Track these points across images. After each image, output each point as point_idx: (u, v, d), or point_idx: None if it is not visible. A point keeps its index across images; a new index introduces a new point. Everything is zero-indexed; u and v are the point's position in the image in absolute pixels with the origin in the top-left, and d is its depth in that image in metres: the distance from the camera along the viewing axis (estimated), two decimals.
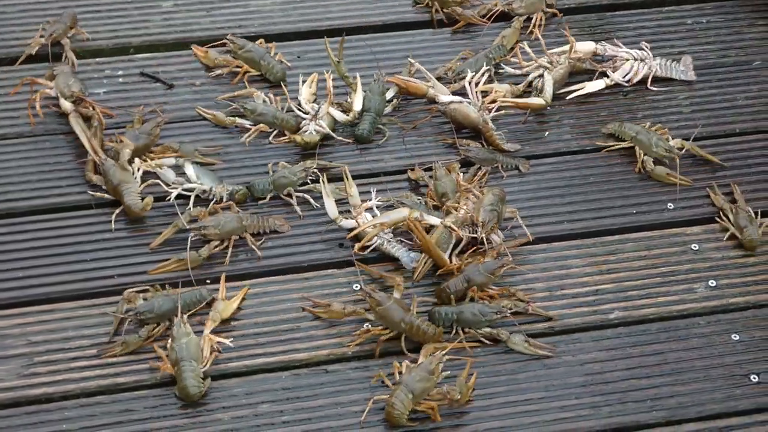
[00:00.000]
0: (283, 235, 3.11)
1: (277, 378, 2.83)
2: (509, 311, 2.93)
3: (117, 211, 3.09)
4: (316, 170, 3.20)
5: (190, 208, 3.09)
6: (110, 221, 3.08)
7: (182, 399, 2.75)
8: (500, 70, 3.50)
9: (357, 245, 3.03)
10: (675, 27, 3.69)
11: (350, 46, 3.51)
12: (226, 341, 2.85)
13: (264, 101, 3.35)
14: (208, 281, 3.01)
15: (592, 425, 2.78)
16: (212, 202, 3.12)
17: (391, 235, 3.08)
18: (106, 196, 3.12)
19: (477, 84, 3.40)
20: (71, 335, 2.88)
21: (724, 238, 3.12)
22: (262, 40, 3.49)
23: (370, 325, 2.90)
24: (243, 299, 2.94)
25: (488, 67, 3.46)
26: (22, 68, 3.44)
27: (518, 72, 3.49)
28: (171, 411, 2.76)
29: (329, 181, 3.14)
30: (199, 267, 3.01)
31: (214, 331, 2.86)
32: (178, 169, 3.19)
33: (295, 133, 3.28)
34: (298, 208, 3.15)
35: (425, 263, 3.00)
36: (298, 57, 3.54)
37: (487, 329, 2.90)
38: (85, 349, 2.85)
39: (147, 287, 2.93)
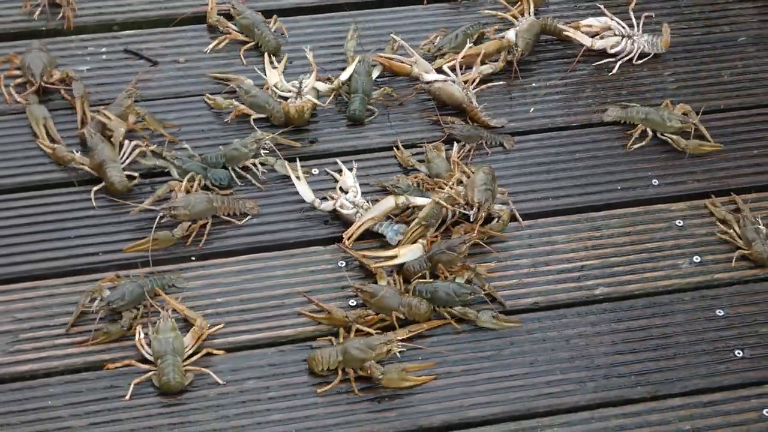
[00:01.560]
0: (268, 212, 3.10)
1: (263, 354, 2.83)
2: (483, 291, 2.93)
3: (96, 188, 3.08)
4: (268, 142, 3.19)
5: (157, 189, 3.08)
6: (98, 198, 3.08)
7: (163, 391, 2.73)
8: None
9: (346, 238, 3.01)
10: (660, 3, 3.68)
11: (339, 22, 3.53)
12: (219, 352, 2.83)
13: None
14: (194, 258, 3.00)
15: (577, 400, 2.78)
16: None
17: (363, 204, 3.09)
18: (87, 168, 3.11)
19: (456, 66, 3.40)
20: (56, 312, 2.87)
21: (733, 261, 3.04)
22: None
23: (355, 302, 2.91)
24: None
25: (469, 44, 3.45)
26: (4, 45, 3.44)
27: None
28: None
29: (290, 160, 3.16)
30: (172, 246, 3.00)
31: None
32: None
33: (285, 126, 3.26)
34: (259, 174, 3.14)
35: (411, 235, 3.00)
36: (282, 34, 3.53)
37: (459, 308, 2.91)
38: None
39: (118, 274, 2.92)
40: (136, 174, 3.11)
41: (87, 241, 3.02)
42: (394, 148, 3.23)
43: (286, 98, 3.29)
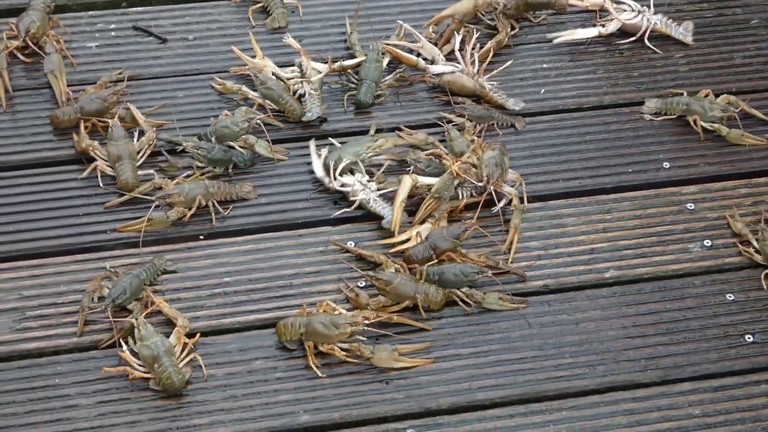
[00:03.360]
0: (276, 192, 3.09)
1: (271, 334, 2.82)
2: (490, 272, 2.92)
3: (89, 168, 3.07)
4: (259, 119, 3.16)
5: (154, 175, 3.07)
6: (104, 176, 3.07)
7: (166, 391, 2.69)
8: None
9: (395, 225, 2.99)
10: None
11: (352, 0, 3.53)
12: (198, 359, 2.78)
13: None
14: (202, 237, 2.99)
15: (586, 384, 2.77)
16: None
17: (378, 193, 3.06)
18: (106, 167, 3.08)
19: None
20: (63, 290, 2.86)
21: (765, 286, 2.97)
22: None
23: (364, 282, 2.91)
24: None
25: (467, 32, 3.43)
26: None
27: None
28: None
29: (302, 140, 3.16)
30: (167, 227, 2.99)
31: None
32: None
33: (299, 119, 3.23)
34: (242, 152, 3.12)
35: (398, 213, 2.99)
36: (294, 11, 3.52)
37: (466, 289, 2.90)
38: (78, 303, 2.83)
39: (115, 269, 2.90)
40: (152, 172, 3.09)
41: (95, 218, 3.01)
42: (402, 129, 3.20)
43: (291, 85, 3.27)
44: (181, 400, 2.69)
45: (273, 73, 3.29)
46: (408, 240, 2.96)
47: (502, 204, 3.03)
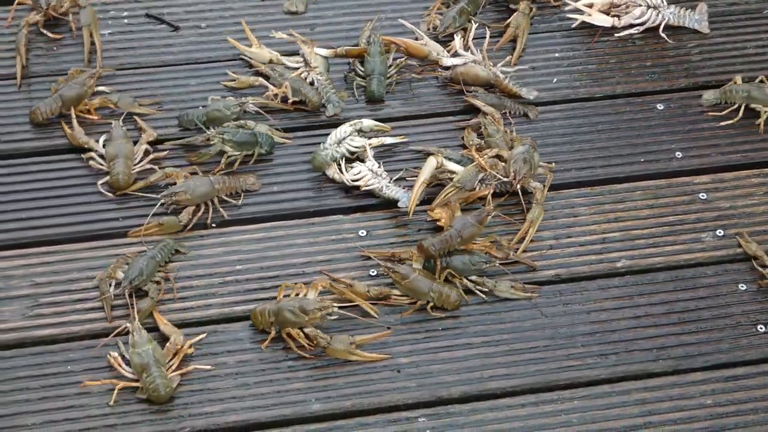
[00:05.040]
0: (288, 180, 3.09)
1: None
2: (498, 261, 2.92)
3: (101, 181, 3.04)
4: (252, 105, 3.16)
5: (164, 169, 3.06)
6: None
7: (152, 402, 2.67)
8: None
9: (410, 210, 2.99)
10: None
11: None
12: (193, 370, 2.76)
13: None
14: (213, 225, 2.99)
15: (598, 373, 2.77)
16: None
17: (389, 179, 3.06)
18: (100, 164, 3.07)
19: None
20: (76, 277, 2.87)
21: None
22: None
23: (375, 271, 2.91)
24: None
25: (468, 22, 3.42)
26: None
27: None
28: None
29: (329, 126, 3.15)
30: (180, 231, 2.98)
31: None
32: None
33: (318, 108, 3.23)
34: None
35: (418, 193, 2.98)
36: None
37: (476, 277, 2.89)
38: (90, 290, 2.84)
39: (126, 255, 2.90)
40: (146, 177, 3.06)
41: (107, 206, 3.01)
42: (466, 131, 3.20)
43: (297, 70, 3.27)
44: (194, 387, 2.70)
45: (272, 60, 3.29)
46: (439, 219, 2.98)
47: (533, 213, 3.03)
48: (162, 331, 2.78)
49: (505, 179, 3.02)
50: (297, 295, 2.81)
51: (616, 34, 3.47)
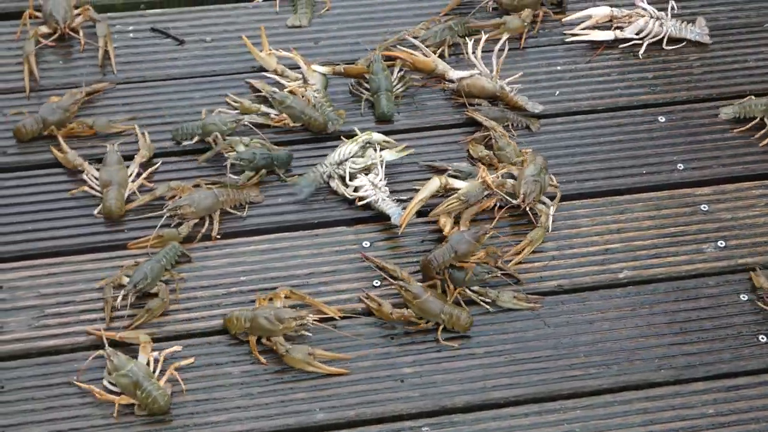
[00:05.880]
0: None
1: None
2: (499, 272, 2.93)
3: (96, 211, 3.04)
4: (247, 122, 3.17)
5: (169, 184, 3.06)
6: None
7: (153, 415, 2.68)
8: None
9: (403, 223, 2.99)
10: None
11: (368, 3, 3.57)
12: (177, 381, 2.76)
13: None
14: (218, 236, 3.01)
15: (600, 383, 2.79)
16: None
17: (387, 192, 3.07)
18: (93, 189, 3.06)
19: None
20: (81, 288, 2.88)
21: None
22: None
23: (379, 282, 2.92)
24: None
25: (451, 39, 3.43)
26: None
27: None
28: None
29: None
30: (183, 243, 2.98)
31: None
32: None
33: (323, 131, 3.23)
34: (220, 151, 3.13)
35: (413, 210, 2.99)
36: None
37: (477, 288, 2.91)
38: (95, 302, 2.85)
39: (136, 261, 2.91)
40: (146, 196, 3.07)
41: None
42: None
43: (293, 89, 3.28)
44: (199, 396, 2.71)
45: (276, 71, 3.31)
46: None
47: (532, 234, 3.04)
48: (128, 339, 2.77)
49: (514, 201, 3.03)
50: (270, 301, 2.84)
51: (620, 45, 3.49)
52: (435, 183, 3.03)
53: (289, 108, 3.23)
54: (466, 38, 3.42)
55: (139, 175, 3.08)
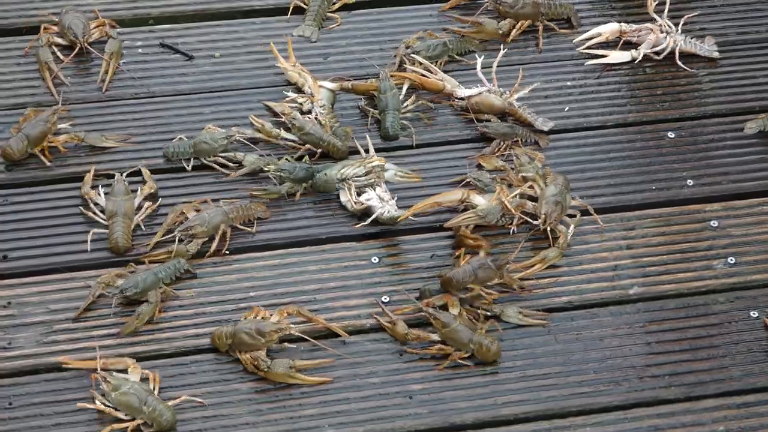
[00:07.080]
0: (301, 207, 3.11)
1: (295, 349, 2.83)
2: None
3: (92, 232, 3.02)
4: (239, 138, 3.18)
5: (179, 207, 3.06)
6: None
7: (161, 429, 2.67)
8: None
9: (407, 213, 3.01)
10: (696, 3, 3.67)
11: (376, 18, 3.57)
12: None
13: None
14: (227, 251, 3.01)
15: (610, 400, 2.78)
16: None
17: (395, 206, 3.07)
18: (100, 218, 3.05)
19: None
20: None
21: None
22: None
23: (388, 297, 2.92)
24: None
25: (444, 55, 3.44)
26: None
27: None
28: (188, 380, 2.77)
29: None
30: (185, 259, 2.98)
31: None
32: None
33: (343, 157, 3.20)
34: (224, 170, 3.14)
35: (421, 206, 3.00)
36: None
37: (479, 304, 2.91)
38: (105, 317, 2.86)
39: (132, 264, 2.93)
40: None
41: None
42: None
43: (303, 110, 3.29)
44: (207, 413, 2.71)
45: (297, 83, 3.31)
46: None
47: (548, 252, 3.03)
48: (114, 365, 2.77)
49: (534, 222, 3.03)
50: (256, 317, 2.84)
51: (628, 64, 3.48)
52: (457, 194, 3.03)
53: (308, 135, 3.21)
54: (462, 57, 3.45)
55: (140, 208, 3.07)
